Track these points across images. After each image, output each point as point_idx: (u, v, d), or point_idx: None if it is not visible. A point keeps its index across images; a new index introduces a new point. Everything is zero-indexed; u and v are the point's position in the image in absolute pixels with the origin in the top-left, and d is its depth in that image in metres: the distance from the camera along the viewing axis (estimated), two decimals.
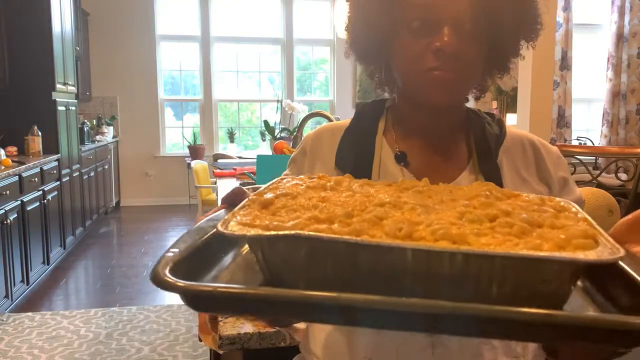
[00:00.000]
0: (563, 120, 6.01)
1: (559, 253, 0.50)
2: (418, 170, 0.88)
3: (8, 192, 3.47)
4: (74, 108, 5.11)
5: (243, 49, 7.21)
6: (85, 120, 6.02)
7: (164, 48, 6.99)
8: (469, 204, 0.62)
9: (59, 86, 4.57)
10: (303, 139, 0.98)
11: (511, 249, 0.51)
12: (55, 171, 4.44)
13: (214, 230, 0.64)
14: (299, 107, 4.37)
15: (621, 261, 0.52)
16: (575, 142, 5.94)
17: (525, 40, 0.87)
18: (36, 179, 3.99)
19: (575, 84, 6.14)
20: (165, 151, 7.13)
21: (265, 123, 4.45)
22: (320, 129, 0.97)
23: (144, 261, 4.61)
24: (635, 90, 6.16)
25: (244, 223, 0.58)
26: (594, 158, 4.71)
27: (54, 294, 3.89)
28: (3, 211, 3.39)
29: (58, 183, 4.51)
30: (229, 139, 6.89)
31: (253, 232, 0.56)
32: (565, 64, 5.96)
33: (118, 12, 6.62)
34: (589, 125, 6.63)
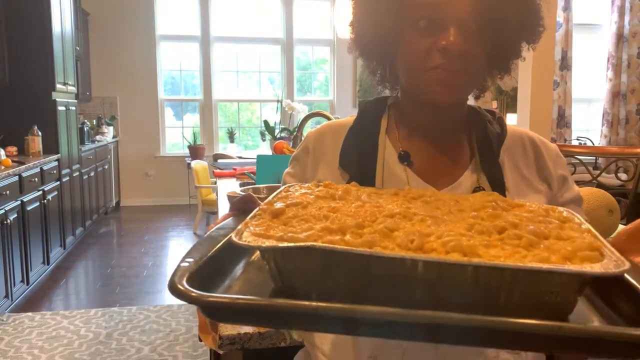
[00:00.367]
0: (563, 120, 6.01)
1: (567, 266, 0.52)
2: (421, 170, 0.89)
3: (8, 192, 3.47)
4: (74, 108, 5.11)
5: (243, 49, 7.21)
6: (85, 120, 6.01)
7: (164, 48, 6.99)
8: (477, 215, 0.64)
9: (59, 86, 4.57)
10: (305, 136, 0.98)
11: (520, 261, 0.53)
12: (55, 171, 4.44)
13: (226, 239, 0.66)
14: (299, 107, 4.37)
15: (625, 273, 0.54)
16: (575, 142, 5.94)
17: (527, 43, 0.88)
18: (36, 179, 3.99)
19: (575, 84, 6.14)
20: (165, 151, 7.12)
21: (265, 123, 4.45)
22: (323, 127, 0.97)
23: (144, 261, 4.61)
24: (635, 90, 6.16)
25: (258, 234, 0.60)
26: (594, 158, 4.71)
27: (54, 294, 3.89)
28: (3, 211, 3.39)
29: (58, 183, 4.50)
30: (229, 139, 6.88)
31: (268, 244, 0.57)
32: (565, 64, 5.95)
33: (118, 12, 6.62)
34: (589, 125, 6.63)
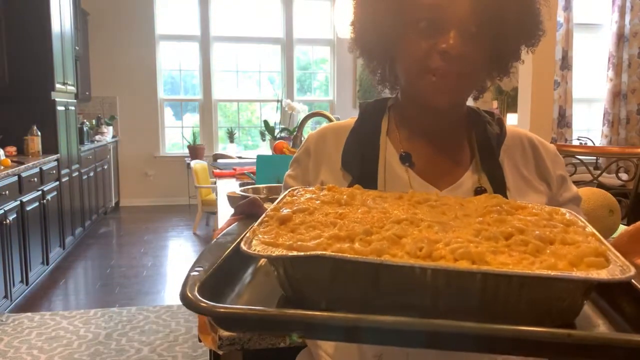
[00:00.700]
0: (564, 120, 6.00)
1: (574, 273, 0.53)
2: (423, 171, 0.89)
3: (7, 192, 3.46)
4: (73, 108, 5.10)
5: (243, 49, 7.20)
6: (85, 120, 6.01)
7: (164, 48, 6.98)
8: (483, 220, 0.65)
9: (58, 86, 4.56)
10: (306, 138, 0.98)
11: (528, 268, 0.54)
12: (54, 171, 4.43)
13: (233, 246, 0.67)
14: (299, 107, 4.36)
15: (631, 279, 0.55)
16: (575, 142, 5.93)
17: (526, 46, 0.89)
18: (35, 179, 3.98)
19: (576, 83, 6.14)
20: (165, 151, 7.12)
21: (265, 123, 4.44)
22: (324, 129, 0.97)
23: (143, 261, 4.60)
24: (635, 90, 6.15)
25: (267, 242, 0.60)
26: (595, 158, 4.70)
27: (53, 294, 3.88)
28: (2, 211, 3.38)
29: (57, 183, 4.50)
30: (228, 139, 6.88)
31: (278, 253, 0.57)
32: (565, 64, 5.95)
33: (118, 12, 6.62)
34: (589, 125, 6.63)
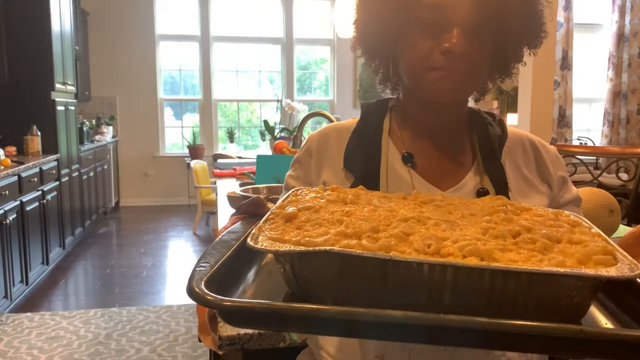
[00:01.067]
0: (564, 120, 6.00)
1: (584, 270, 0.53)
2: (425, 171, 0.89)
3: (7, 192, 3.46)
4: (73, 108, 5.10)
5: (243, 49, 7.20)
6: (85, 120, 6.00)
7: (164, 48, 6.98)
8: (490, 219, 0.66)
9: (58, 86, 4.56)
10: (307, 139, 0.97)
11: (537, 265, 0.54)
12: (54, 171, 4.43)
13: (238, 243, 0.67)
14: (299, 107, 4.35)
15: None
16: (576, 142, 5.93)
17: (528, 47, 0.89)
18: (35, 179, 3.98)
19: (576, 83, 6.13)
20: (165, 151, 7.12)
21: (265, 123, 4.43)
22: (326, 130, 0.97)
23: (143, 261, 4.60)
24: (636, 90, 6.15)
25: (274, 238, 0.60)
26: (595, 158, 4.69)
27: (53, 294, 3.88)
28: (2, 211, 3.38)
29: (57, 183, 4.49)
30: (228, 139, 6.88)
31: (285, 248, 0.57)
32: (566, 64, 5.95)
33: (117, 12, 6.61)
34: (589, 125, 6.63)
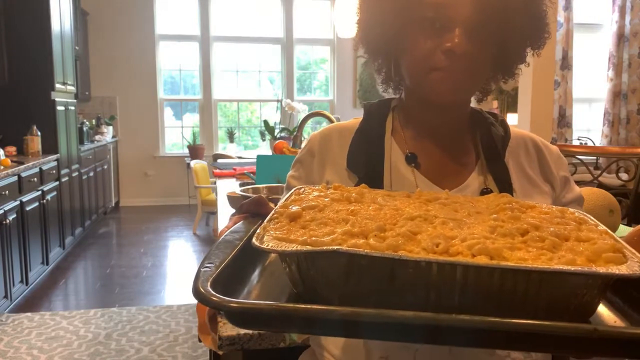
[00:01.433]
0: (564, 120, 6.00)
1: (595, 268, 0.53)
2: (429, 172, 0.89)
3: (7, 192, 3.46)
4: (73, 108, 5.10)
5: (243, 49, 7.20)
6: (85, 120, 6.00)
7: (164, 48, 6.98)
8: (497, 217, 0.65)
9: (58, 86, 4.56)
10: (308, 139, 0.97)
11: (547, 264, 0.53)
12: (54, 171, 4.43)
13: (241, 243, 0.67)
14: (299, 107, 4.35)
15: None
16: (576, 142, 5.93)
17: (532, 48, 0.89)
18: (35, 179, 3.98)
19: (576, 83, 6.13)
20: (165, 151, 7.11)
21: (265, 123, 4.43)
22: (328, 130, 0.96)
23: (143, 261, 4.60)
24: (636, 90, 6.15)
25: (279, 237, 0.59)
26: (595, 158, 4.69)
27: (53, 294, 3.88)
28: (2, 211, 3.37)
29: (57, 183, 4.49)
30: (228, 139, 6.87)
31: (292, 248, 0.57)
32: (566, 64, 5.95)
33: (117, 12, 6.61)
34: (589, 125, 6.63)
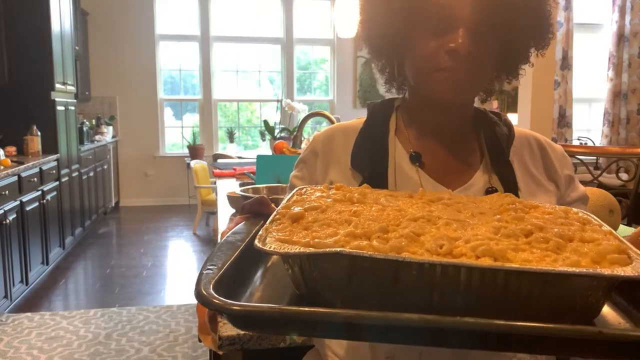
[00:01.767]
0: (564, 120, 6.00)
1: (600, 270, 0.52)
2: (433, 171, 0.89)
3: (7, 192, 3.46)
4: (73, 108, 5.10)
5: (243, 49, 7.20)
6: (85, 120, 6.00)
7: (164, 48, 6.98)
8: (501, 218, 0.64)
9: (58, 86, 4.56)
10: (312, 139, 0.97)
11: (551, 265, 0.53)
12: (54, 171, 4.43)
13: (244, 245, 0.66)
14: (299, 107, 4.35)
15: None
16: (576, 142, 5.93)
17: (536, 48, 0.89)
18: (35, 179, 3.98)
19: (576, 83, 6.13)
20: (165, 151, 7.11)
21: (265, 123, 4.43)
22: (331, 130, 0.97)
23: (143, 261, 4.60)
24: (636, 90, 6.15)
25: (282, 239, 0.59)
26: (595, 158, 4.70)
27: (53, 294, 3.87)
28: (2, 211, 3.37)
29: (57, 183, 4.49)
30: (228, 139, 6.87)
31: (295, 250, 0.56)
32: (566, 64, 5.95)
33: (117, 12, 6.61)
34: (589, 125, 6.63)
